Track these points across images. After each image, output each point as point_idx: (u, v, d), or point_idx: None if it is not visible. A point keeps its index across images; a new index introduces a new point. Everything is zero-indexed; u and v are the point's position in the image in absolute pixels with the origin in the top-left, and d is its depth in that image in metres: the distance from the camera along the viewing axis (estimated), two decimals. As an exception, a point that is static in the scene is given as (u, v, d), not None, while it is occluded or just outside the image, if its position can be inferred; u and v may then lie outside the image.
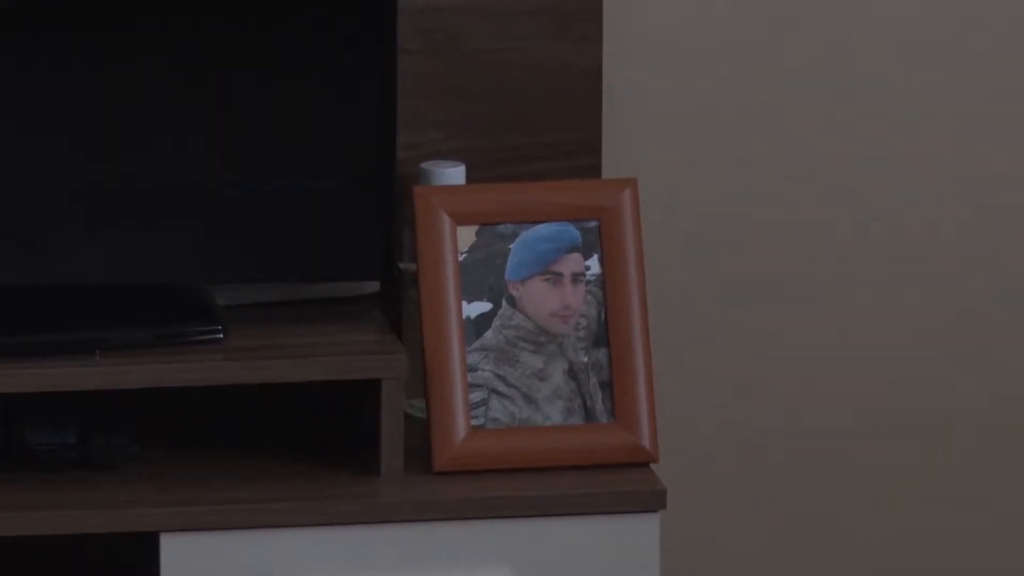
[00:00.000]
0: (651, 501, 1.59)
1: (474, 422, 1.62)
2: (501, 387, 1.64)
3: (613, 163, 1.90)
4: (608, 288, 1.65)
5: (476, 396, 1.65)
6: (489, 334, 1.65)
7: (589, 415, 1.62)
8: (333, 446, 1.68)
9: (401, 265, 1.67)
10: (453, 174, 1.69)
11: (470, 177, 1.73)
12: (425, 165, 1.71)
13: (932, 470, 2.12)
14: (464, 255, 1.62)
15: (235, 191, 1.61)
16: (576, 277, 1.63)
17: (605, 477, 1.63)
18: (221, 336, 1.58)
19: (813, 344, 2.06)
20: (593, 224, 1.63)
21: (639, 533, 1.60)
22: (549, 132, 1.87)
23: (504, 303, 1.64)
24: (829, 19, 2.00)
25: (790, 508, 2.09)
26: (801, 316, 2.05)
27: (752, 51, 2.01)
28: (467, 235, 1.64)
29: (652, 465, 1.66)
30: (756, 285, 2.05)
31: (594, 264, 1.65)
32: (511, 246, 1.65)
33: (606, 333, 1.62)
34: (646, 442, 1.60)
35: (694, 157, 1.97)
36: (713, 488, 2.05)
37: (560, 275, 1.63)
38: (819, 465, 2.10)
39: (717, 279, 2.01)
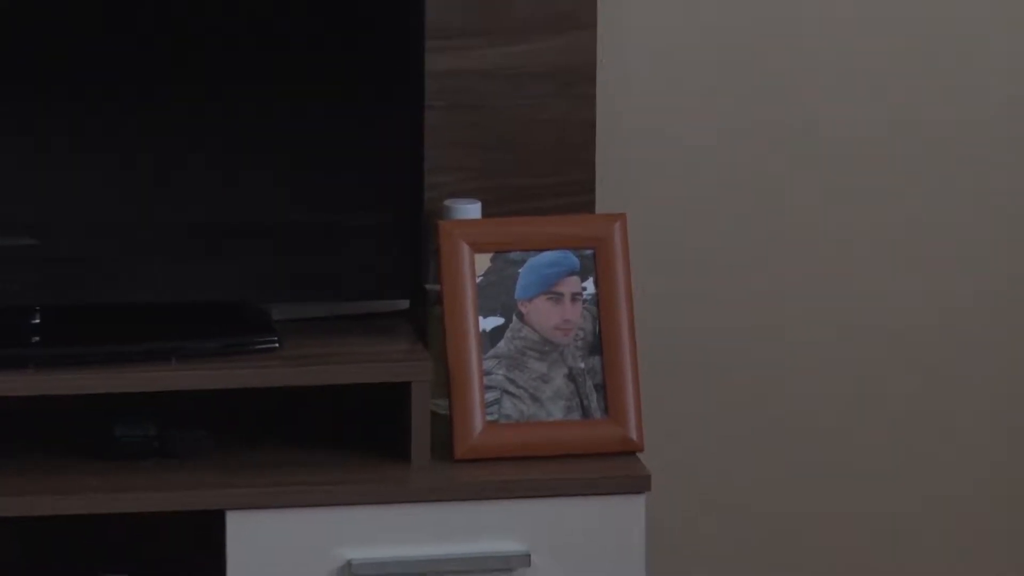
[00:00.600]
0: (637, 485, 1.78)
1: (489, 418, 1.79)
2: (511, 388, 1.81)
3: (605, 201, 2.07)
4: (601, 305, 1.83)
5: (491, 396, 1.82)
6: (501, 344, 1.82)
7: (586, 412, 1.80)
8: (371, 439, 1.86)
9: (427, 286, 1.85)
10: (471, 210, 1.88)
11: (485, 212, 1.91)
12: (447, 202, 1.89)
13: (903, 450, 2.31)
14: (480, 278, 1.80)
15: (290, 224, 1.81)
16: (575, 296, 1.81)
17: (599, 464, 1.81)
18: (276, 345, 1.77)
19: (780, 348, 2.26)
20: (589, 252, 1.81)
21: (627, 512, 1.78)
22: (551, 175, 2.05)
23: (514, 318, 1.82)
24: (809, 78, 2.20)
25: (762, 492, 2.28)
26: (768, 322, 2.24)
27: (722, 121, 2.20)
28: (483, 261, 1.81)
29: (638, 454, 1.84)
30: (729, 297, 2.24)
31: (590, 285, 1.83)
32: (520, 270, 1.83)
33: (600, 343, 1.80)
34: (633, 435, 1.79)
35: (672, 196, 2.17)
36: (692, 474, 2.25)
37: (561, 295, 1.81)
38: (787, 456, 2.29)
39: (695, 294, 2.20)
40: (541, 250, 1.84)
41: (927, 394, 2.30)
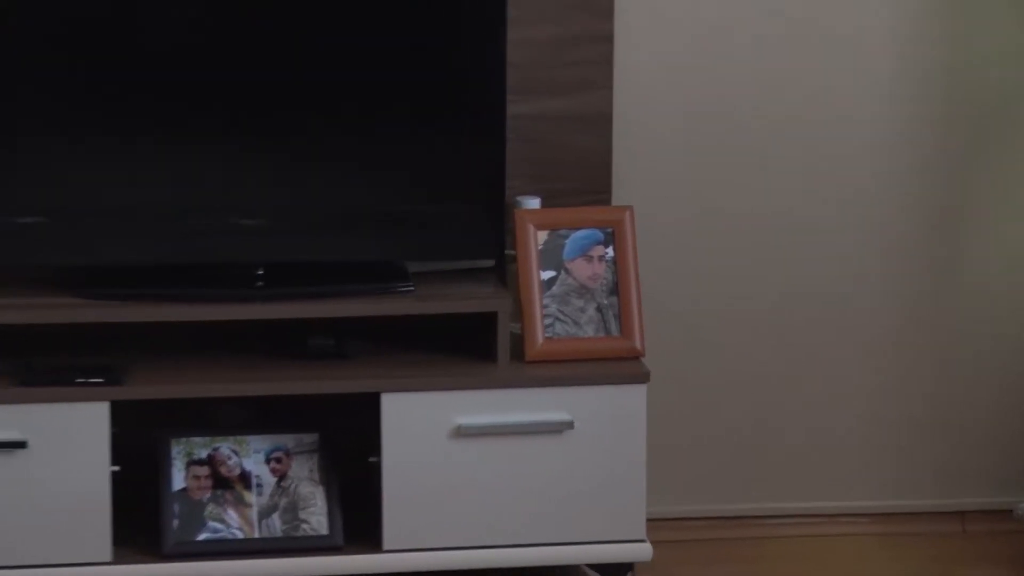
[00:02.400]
0: (640, 378, 2.57)
1: (546, 334, 2.57)
2: (560, 316, 2.61)
3: (617, 199, 2.86)
4: (618, 264, 2.62)
5: (547, 321, 2.58)
6: (554, 288, 2.61)
7: (608, 331, 2.60)
8: (469, 350, 2.64)
9: (507, 251, 2.64)
10: (533, 203, 2.69)
11: (542, 205, 2.70)
12: (518, 198, 2.69)
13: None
14: (540, 246, 2.59)
15: (420, 211, 2.62)
16: (601, 258, 2.60)
17: (617, 365, 2.60)
18: (412, 288, 2.57)
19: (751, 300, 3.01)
20: (610, 230, 2.61)
21: (634, 395, 2.58)
22: (581, 182, 2.86)
23: (563, 272, 2.60)
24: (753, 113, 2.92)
25: (733, 390, 3.04)
26: (729, 289, 2.99)
27: (696, 152, 2.95)
28: (542, 236, 2.62)
29: (642, 360, 2.61)
30: (713, 264, 2.98)
31: (610, 251, 2.61)
32: (566, 241, 2.61)
33: (616, 288, 2.59)
34: (638, 345, 2.57)
35: (660, 197, 2.91)
36: (677, 371, 3.00)
37: (592, 257, 2.60)
38: (747, 364, 3.03)
39: (686, 258, 2.94)
40: (579, 228, 2.64)
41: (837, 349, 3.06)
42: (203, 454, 2.63)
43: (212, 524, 2.61)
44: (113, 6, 2.66)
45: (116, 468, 2.59)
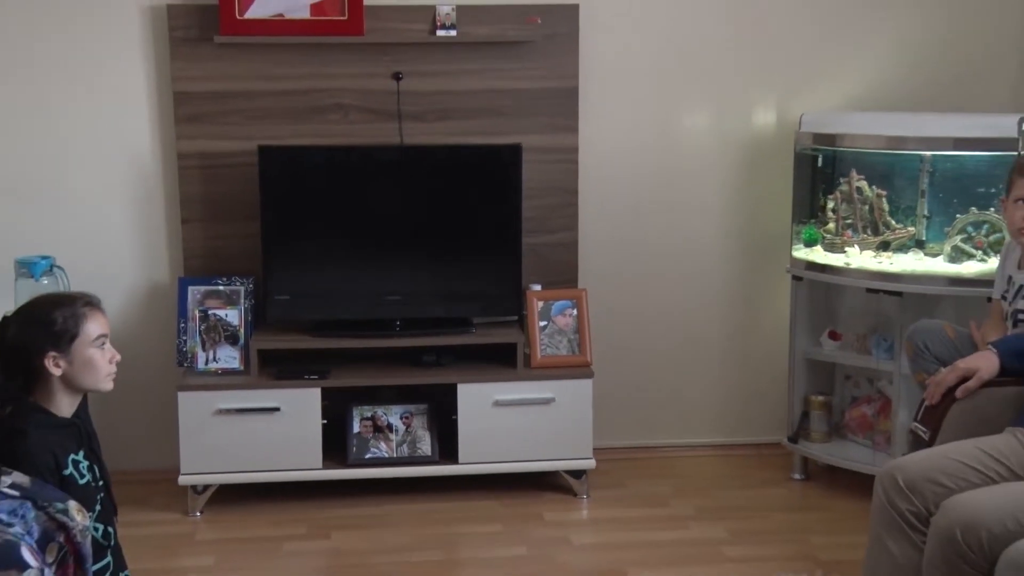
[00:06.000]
0: (588, 375, 4.11)
1: (542, 353, 4.12)
2: (549, 344, 4.10)
3: (581, 284, 4.35)
4: (579, 318, 4.17)
5: (542, 347, 4.09)
6: (546, 330, 4.13)
7: (573, 352, 4.12)
8: (504, 361, 4.12)
9: (523, 312, 4.15)
10: (536, 287, 4.21)
11: (542, 288, 4.23)
12: (530, 285, 4.20)
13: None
14: (539, 310, 4.15)
15: (477, 292, 4.15)
16: (570, 315, 4.14)
17: (577, 370, 4.11)
18: (474, 330, 4.15)
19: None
20: (574, 301, 4.14)
21: (585, 385, 4.11)
22: (562, 276, 4.34)
23: (550, 322, 4.16)
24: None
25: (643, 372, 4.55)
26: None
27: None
28: (540, 304, 4.17)
29: (590, 366, 4.12)
30: (635, 305, 4.51)
31: (575, 311, 4.14)
32: (553, 306, 4.16)
33: (577, 330, 4.16)
34: (589, 359, 4.10)
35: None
36: (612, 366, 4.44)
37: (566, 314, 4.15)
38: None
39: (618, 304, 4.44)
40: (559, 300, 4.14)
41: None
42: (368, 414, 4.16)
43: (372, 449, 4.11)
44: (331, 192, 4.13)
45: (324, 421, 4.05)
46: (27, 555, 2.14)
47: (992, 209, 4.02)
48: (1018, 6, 4.49)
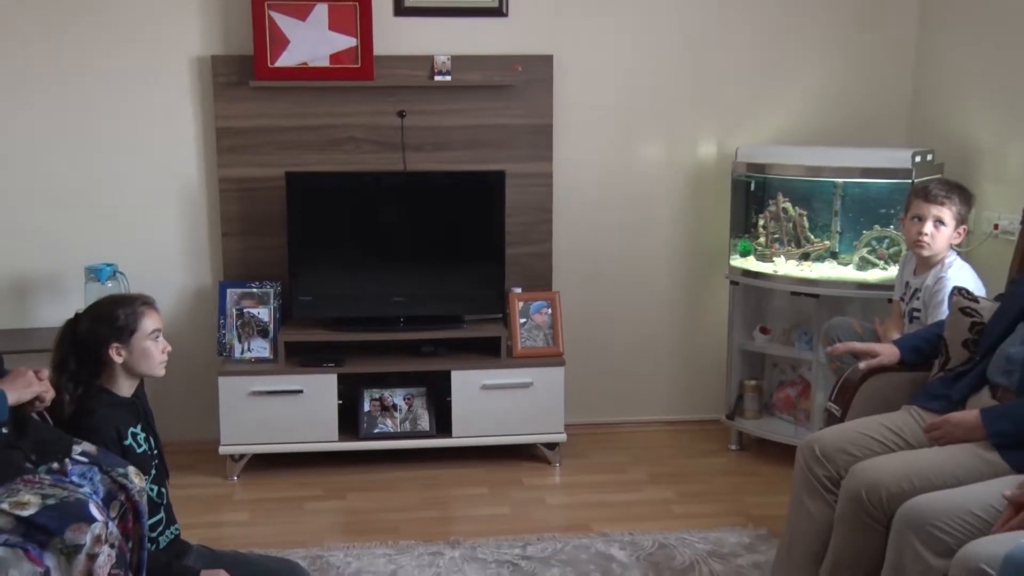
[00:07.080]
0: (561, 362, 4.05)
1: (522, 345, 4.05)
2: (528, 337, 4.05)
3: (555, 286, 4.30)
4: (553, 316, 4.10)
5: (522, 339, 4.04)
6: (526, 326, 4.08)
7: (548, 344, 4.07)
8: (490, 352, 4.08)
9: (506, 311, 4.12)
10: (517, 290, 4.11)
11: (523, 290, 4.15)
12: (512, 287, 4.13)
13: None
14: (520, 308, 4.08)
15: (465, 294, 4.05)
16: (545, 313, 4.09)
17: (551, 359, 4.05)
18: (464, 325, 4.10)
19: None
20: (548, 301, 4.07)
21: (558, 371, 4.05)
22: (538, 279, 4.29)
23: (529, 319, 4.09)
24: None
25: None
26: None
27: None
28: (520, 304, 4.09)
29: (562, 355, 4.06)
30: (597, 297, 4.43)
31: (549, 310, 4.08)
32: (531, 306, 4.11)
33: (552, 326, 4.10)
34: (561, 349, 4.06)
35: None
36: (580, 353, 4.38)
37: (542, 313, 4.09)
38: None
39: (586, 296, 4.38)
40: (536, 301, 4.08)
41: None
42: (377, 395, 4.14)
43: (380, 425, 4.09)
44: (346, 210, 4.09)
45: (340, 402, 4.00)
46: (94, 511, 2.15)
47: (892, 226, 4.02)
48: (908, 64, 4.51)
